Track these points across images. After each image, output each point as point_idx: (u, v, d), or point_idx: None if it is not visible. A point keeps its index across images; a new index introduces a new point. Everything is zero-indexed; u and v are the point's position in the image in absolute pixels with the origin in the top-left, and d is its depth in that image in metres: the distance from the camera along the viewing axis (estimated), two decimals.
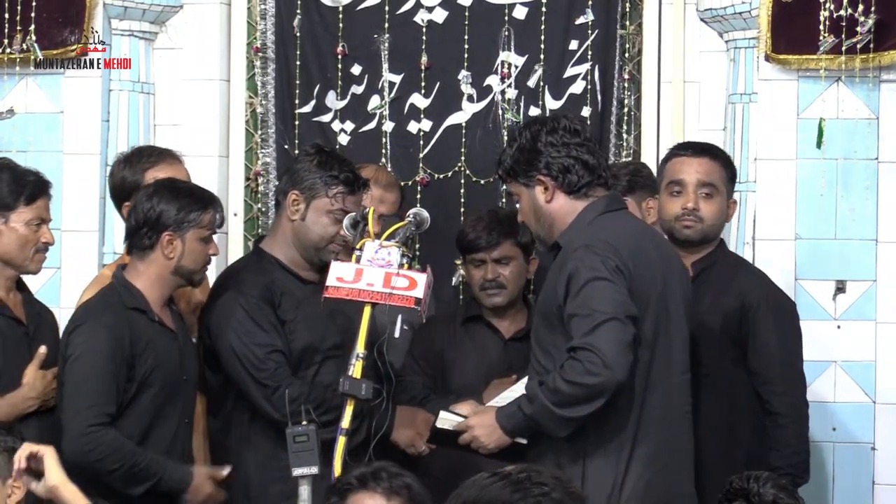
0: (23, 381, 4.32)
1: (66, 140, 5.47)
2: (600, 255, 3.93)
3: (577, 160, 4.05)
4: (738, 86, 5.23)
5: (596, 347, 3.83)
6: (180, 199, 4.27)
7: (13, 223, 4.36)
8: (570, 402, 3.87)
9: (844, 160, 5.07)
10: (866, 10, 4.90)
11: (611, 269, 3.92)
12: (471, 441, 4.09)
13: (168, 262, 4.27)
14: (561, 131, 4.08)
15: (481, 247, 4.85)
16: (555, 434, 3.97)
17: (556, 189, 4.07)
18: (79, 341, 4.18)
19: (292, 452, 3.78)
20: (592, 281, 3.91)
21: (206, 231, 4.30)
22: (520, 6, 5.42)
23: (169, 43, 5.57)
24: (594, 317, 3.86)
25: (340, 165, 4.46)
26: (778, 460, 4.40)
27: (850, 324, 5.10)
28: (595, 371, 3.82)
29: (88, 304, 4.32)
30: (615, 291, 3.91)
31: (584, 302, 3.89)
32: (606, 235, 4.01)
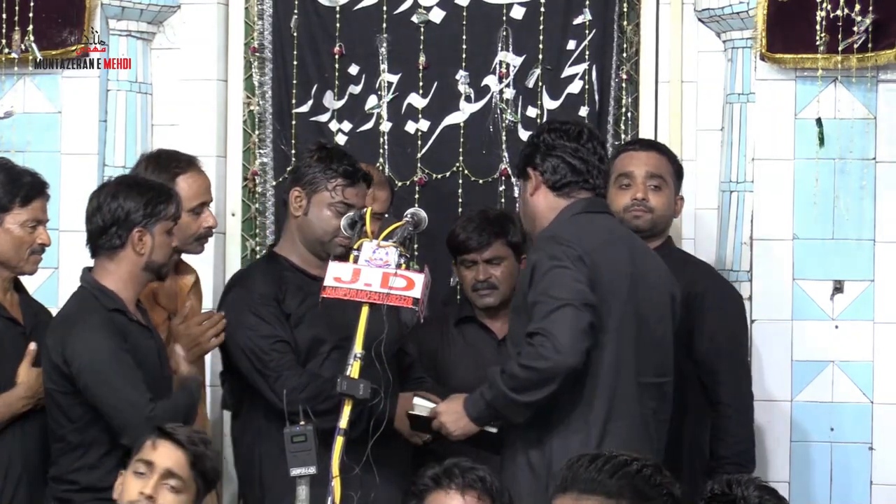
0: (17, 381, 4.31)
1: (64, 140, 5.47)
2: (563, 245, 4.05)
3: (564, 161, 4.21)
4: (735, 86, 5.23)
5: (549, 332, 3.92)
6: (144, 194, 4.27)
7: (8, 224, 4.35)
8: (524, 386, 3.97)
9: (842, 160, 5.07)
10: (863, 10, 4.90)
11: (572, 258, 4.03)
12: (440, 428, 4.13)
13: (139, 258, 4.26)
14: (558, 132, 4.24)
15: (472, 247, 4.86)
16: (513, 420, 4.06)
17: (541, 184, 4.22)
18: (79, 351, 4.14)
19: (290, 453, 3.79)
20: (552, 269, 4.02)
21: (171, 223, 4.31)
22: (517, 6, 5.42)
23: (166, 43, 5.57)
24: (550, 303, 3.96)
25: (339, 159, 4.50)
26: (723, 450, 4.54)
27: (848, 324, 5.10)
28: (546, 355, 3.92)
29: (67, 313, 4.28)
30: (573, 279, 4.00)
31: (543, 289, 4.00)
32: (574, 229, 4.13)
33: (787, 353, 5.09)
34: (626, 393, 4.10)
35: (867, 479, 5.08)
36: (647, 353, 4.15)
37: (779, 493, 3.24)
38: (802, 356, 5.11)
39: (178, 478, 3.74)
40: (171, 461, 3.73)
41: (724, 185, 5.22)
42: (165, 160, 4.72)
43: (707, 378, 4.58)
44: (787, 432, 5.09)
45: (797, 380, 5.11)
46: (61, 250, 5.30)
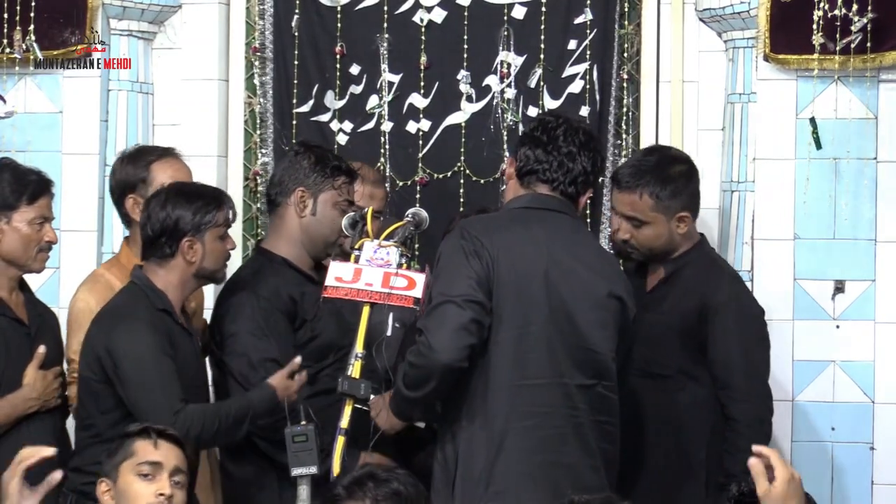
0: (23, 382, 4.32)
1: (65, 140, 5.47)
2: (464, 239, 4.03)
3: (532, 151, 4.18)
4: (736, 86, 5.23)
5: (427, 329, 3.93)
6: (193, 202, 4.28)
7: (16, 223, 4.37)
8: (410, 382, 3.98)
9: (843, 160, 5.07)
10: (861, 10, 4.90)
11: (468, 252, 4.00)
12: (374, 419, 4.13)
13: (190, 266, 4.27)
14: (542, 126, 4.23)
15: None
16: (408, 416, 4.10)
17: (513, 173, 4.23)
18: (122, 344, 4.14)
19: (291, 452, 3.79)
20: (447, 263, 4.02)
21: (223, 229, 4.32)
22: (519, 6, 5.42)
23: (168, 43, 5.57)
24: (436, 299, 3.96)
25: (335, 158, 4.54)
26: (732, 466, 4.41)
27: (849, 324, 5.10)
28: (422, 352, 3.92)
29: (117, 307, 4.28)
30: (463, 275, 3.98)
31: (436, 284, 4.00)
32: (488, 223, 4.15)
33: (788, 353, 5.09)
34: (537, 393, 4.03)
35: (868, 478, 5.08)
36: (572, 354, 4.06)
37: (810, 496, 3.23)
38: (803, 356, 5.11)
39: (183, 473, 3.75)
40: (177, 458, 3.74)
41: (726, 185, 5.22)
42: (138, 153, 4.75)
43: (720, 393, 4.51)
44: (789, 432, 5.09)
45: (798, 379, 5.11)
46: (63, 250, 5.30)
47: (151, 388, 4.10)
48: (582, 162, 4.19)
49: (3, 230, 4.38)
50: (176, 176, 4.64)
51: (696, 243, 4.69)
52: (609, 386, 4.12)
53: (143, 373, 4.11)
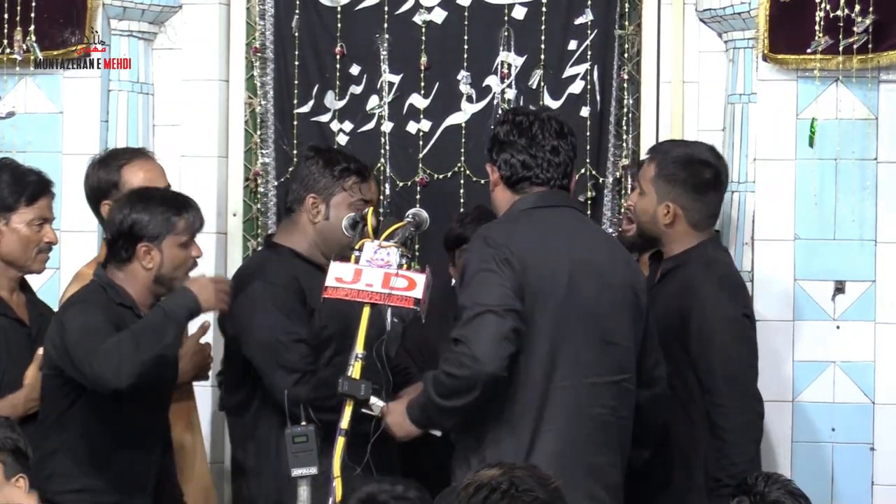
0: (24, 383, 4.32)
1: (66, 140, 5.47)
2: (491, 248, 4.02)
3: (513, 157, 4.18)
4: (737, 86, 5.23)
5: (468, 339, 3.91)
6: (152, 206, 4.23)
7: (15, 224, 4.37)
8: (448, 393, 3.96)
9: (843, 161, 5.07)
10: (863, 10, 4.90)
11: (498, 261, 4.00)
12: (387, 428, 4.11)
13: (147, 272, 4.23)
14: (510, 124, 4.22)
15: (467, 237, 4.87)
16: (443, 426, 4.06)
17: (499, 180, 4.22)
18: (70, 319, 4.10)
19: (291, 453, 3.79)
20: (478, 272, 4.00)
21: (184, 237, 4.26)
22: (519, 6, 5.42)
23: (168, 43, 5.57)
24: (473, 309, 3.95)
25: (345, 158, 4.53)
26: (717, 471, 4.42)
27: (850, 324, 5.10)
28: (466, 363, 3.90)
29: (73, 299, 4.27)
30: (497, 283, 3.97)
31: (468, 294, 3.99)
32: (508, 229, 4.12)
33: (788, 354, 5.09)
34: (565, 395, 4.04)
35: (868, 479, 5.08)
36: (601, 350, 4.08)
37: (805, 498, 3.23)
38: (804, 356, 5.11)
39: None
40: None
41: None
42: (110, 157, 4.76)
43: (706, 398, 4.49)
44: (789, 433, 5.09)
45: (798, 380, 5.11)
46: (63, 250, 5.30)
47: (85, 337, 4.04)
48: (565, 152, 4.21)
49: (2, 231, 4.38)
50: (147, 177, 4.65)
51: (700, 243, 4.66)
52: (631, 379, 4.15)
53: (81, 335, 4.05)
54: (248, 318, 4.38)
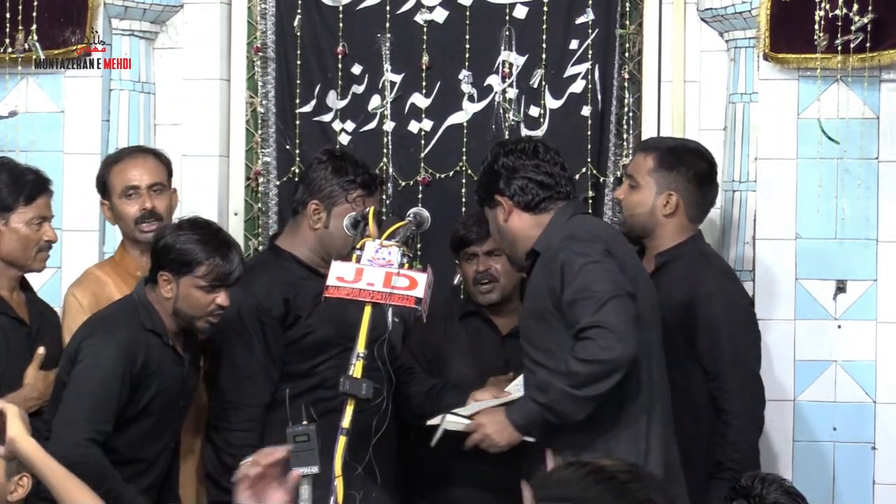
0: (24, 382, 4.32)
1: (67, 140, 5.47)
2: (587, 241, 4.09)
3: (530, 180, 4.25)
4: (738, 85, 5.23)
5: (606, 323, 3.95)
6: (189, 244, 4.22)
7: (14, 223, 4.37)
8: (587, 381, 3.97)
9: (845, 160, 5.07)
10: (862, 10, 4.90)
11: (600, 252, 4.07)
12: (481, 440, 4.10)
13: (167, 301, 4.25)
14: (517, 153, 4.29)
15: (472, 239, 4.89)
16: (573, 418, 4.04)
17: (514, 208, 4.27)
18: (90, 350, 4.14)
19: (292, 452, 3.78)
20: (586, 265, 4.04)
21: (202, 282, 4.23)
22: (520, 6, 5.42)
23: (169, 42, 5.57)
24: (597, 297, 3.99)
25: (355, 169, 4.51)
26: (721, 455, 4.49)
27: (851, 323, 5.10)
28: (610, 346, 3.94)
29: (106, 316, 4.29)
30: (610, 271, 4.04)
31: (582, 286, 4.02)
32: (585, 227, 4.18)
33: (789, 353, 5.09)
34: (656, 384, 4.16)
35: (870, 478, 5.08)
36: (660, 344, 4.24)
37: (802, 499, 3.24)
38: (805, 356, 5.11)
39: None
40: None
41: (727, 185, 5.22)
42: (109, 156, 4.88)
43: (712, 384, 4.54)
44: (790, 432, 5.09)
45: (800, 379, 5.11)
46: (64, 250, 5.31)
47: (80, 403, 4.09)
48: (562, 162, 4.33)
49: (1, 231, 4.38)
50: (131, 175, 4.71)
51: (690, 237, 4.72)
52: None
53: (85, 385, 4.10)
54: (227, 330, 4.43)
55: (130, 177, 4.72)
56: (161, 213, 4.70)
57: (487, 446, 4.13)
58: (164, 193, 4.74)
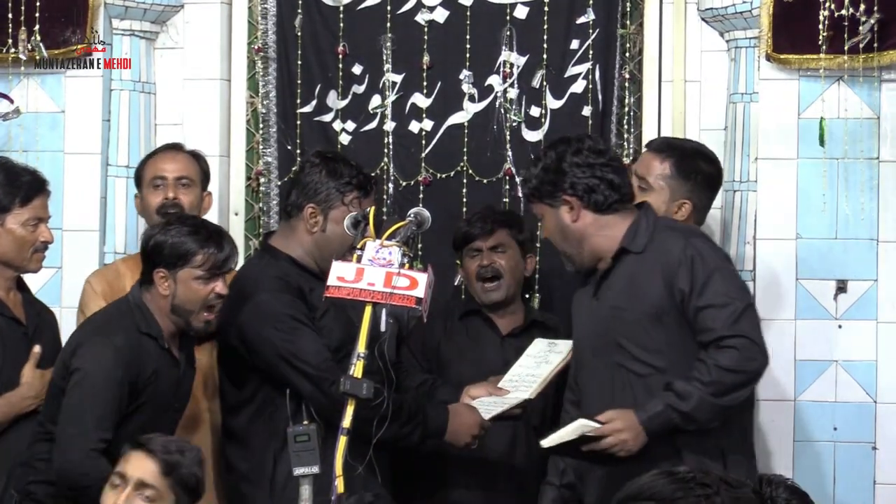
0: (21, 381, 4.32)
1: (68, 140, 5.47)
2: (710, 245, 4.18)
3: (601, 180, 4.18)
4: (739, 85, 5.23)
5: (748, 334, 4.04)
6: (182, 236, 4.20)
7: (9, 225, 4.36)
8: (729, 390, 4.04)
9: (846, 160, 5.07)
10: (868, 10, 4.90)
11: (724, 257, 4.18)
12: (615, 444, 4.07)
13: (164, 300, 4.22)
14: (586, 151, 4.20)
15: (476, 235, 4.90)
16: (706, 426, 4.09)
17: (582, 208, 4.20)
18: (87, 357, 4.11)
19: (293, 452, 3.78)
20: (718, 270, 4.10)
21: (200, 272, 4.21)
22: (521, 6, 5.42)
23: (170, 42, 5.57)
24: (735, 305, 4.05)
25: (350, 170, 4.48)
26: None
27: (851, 323, 5.10)
28: (753, 356, 4.04)
29: (101, 320, 4.26)
30: (738, 277, 4.17)
31: (719, 291, 4.06)
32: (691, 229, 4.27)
33: (790, 353, 5.09)
34: None
35: (870, 478, 5.07)
36: None
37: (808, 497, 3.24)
38: (805, 356, 5.10)
39: (152, 487, 3.72)
40: (142, 471, 3.73)
41: (728, 185, 5.22)
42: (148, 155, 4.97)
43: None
44: (791, 432, 5.09)
45: (800, 379, 5.10)
46: (65, 250, 5.31)
47: (82, 414, 4.07)
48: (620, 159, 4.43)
49: None
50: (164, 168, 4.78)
51: None
52: None
53: (86, 395, 4.08)
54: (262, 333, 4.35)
55: (159, 168, 4.82)
56: (185, 206, 4.71)
57: (619, 450, 4.09)
58: (192, 189, 4.77)
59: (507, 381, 4.58)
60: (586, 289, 4.33)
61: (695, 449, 4.10)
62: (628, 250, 4.19)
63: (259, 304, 4.35)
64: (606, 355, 4.21)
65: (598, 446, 4.11)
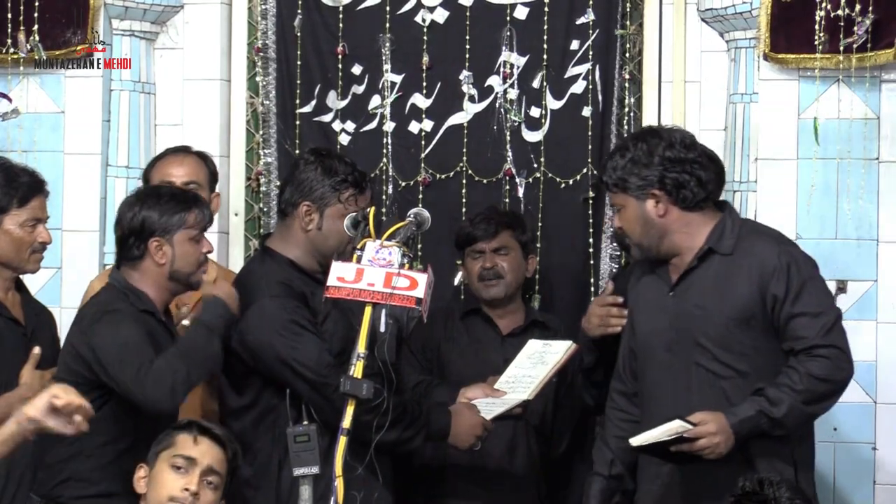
0: (20, 382, 4.31)
1: (68, 140, 5.47)
2: (802, 252, 4.16)
3: (692, 176, 4.12)
4: (738, 86, 5.23)
5: (840, 344, 4.05)
6: (162, 203, 4.25)
7: (7, 226, 4.34)
8: (820, 399, 4.05)
9: (845, 160, 5.07)
10: (864, 10, 4.90)
11: (816, 266, 4.16)
12: (707, 447, 4.01)
13: (161, 268, 4.24)
14: (678, 146, 4.13)
15: (479, 237, 4.91)
16: (793, 433, 4.09)
17: (670, 204, 4.12)
18: (105, 333, 4.11)
19: (293, 452, 3.78)
20: (812, 278, 4.11)
21: (194, 230, 4.27)
22: (521, 6, 5.42)
23: (170, 43, 5.57)
24: (828, 315, 4.07)
25: (345, 168, 4.46)
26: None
27: (851, 324, 5.06)
28: (843, 367, 4.05)
29: (96, 304, 4.26)
30: (828, 288, 4.19)
31: (813, 301, 4.07)
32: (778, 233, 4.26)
33: None
34: None
35: (870, 479, 5.07)
36: None
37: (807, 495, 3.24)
38: None
39: (218, 474, 3.83)
40: (213, 458, 3.83)
41: (728, 185, 5.20)
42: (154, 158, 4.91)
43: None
44: None
45: None
46: (64, 250, 5.31)
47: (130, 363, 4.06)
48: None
49: None
50: (172, 173, 4.76)
51: None
52: None
53: (124, 353, 4.07)
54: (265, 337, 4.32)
55: (167, 172, 4.80)
56: None
57: (710, 453, 4.01)
58: (200, 192, 4.76)
59: (503, 383, 4.58)
60: (651, 282, 4.24)
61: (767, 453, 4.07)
62: (714, 251, 4.12)
63: (262, 308, 4.34)
64: (684, 353, 4.13)
65: (692, 448, 4.00)
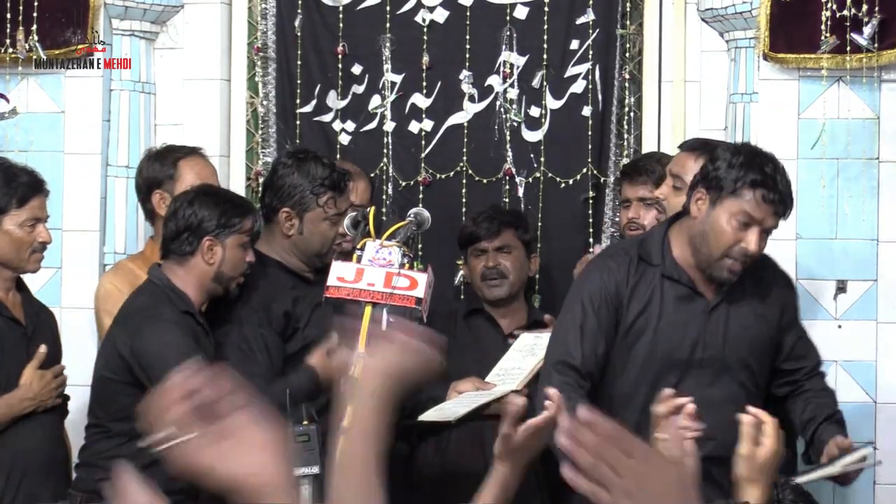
0: (20, 382, 4.31)
1: (67, 140, 5.47)
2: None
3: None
4: (738, 85, 5.23)
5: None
6: (221, 204, 4.29)
7: (6, 226, 4.34)
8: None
9: (845, 160, 5.07)
10: (870, 11, 4.90)
11: None
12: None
13: (208, 268, 4.27)
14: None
15: (482, 236, 4.90)
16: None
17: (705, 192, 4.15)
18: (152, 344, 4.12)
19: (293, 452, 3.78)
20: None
21: (245, 237, 4.31)
22: (521, 6, 5.42)
23: (170, 43, 5.57)
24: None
25: (322, 170, 4.45)
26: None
27: (851, 323, 5.10)
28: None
29: (141, 307, 4.26)
30: None
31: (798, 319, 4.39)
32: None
33: None
34: None
35: (871, 479, 5.07)
36: None
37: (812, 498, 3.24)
38: None
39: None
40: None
41: None
42: (167, 150, 4.81)
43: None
44: None
45: None
46: (64, 250, 5.31)
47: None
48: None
49: None
50: (202, 174, 4.72)
51: None
52: None
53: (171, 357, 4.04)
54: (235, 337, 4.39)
55: (204, 175, 4.74)
56: None
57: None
58: None
59: (494, 376, 4.61)
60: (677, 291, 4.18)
61: None
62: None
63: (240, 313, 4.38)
64: (730, 372, 4.14)
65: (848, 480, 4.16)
